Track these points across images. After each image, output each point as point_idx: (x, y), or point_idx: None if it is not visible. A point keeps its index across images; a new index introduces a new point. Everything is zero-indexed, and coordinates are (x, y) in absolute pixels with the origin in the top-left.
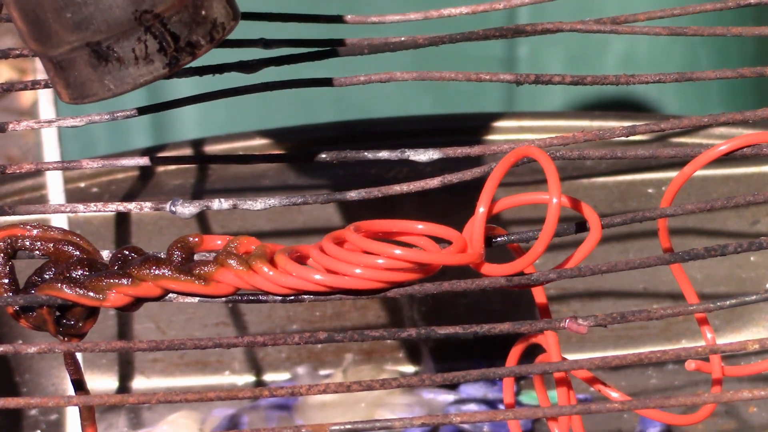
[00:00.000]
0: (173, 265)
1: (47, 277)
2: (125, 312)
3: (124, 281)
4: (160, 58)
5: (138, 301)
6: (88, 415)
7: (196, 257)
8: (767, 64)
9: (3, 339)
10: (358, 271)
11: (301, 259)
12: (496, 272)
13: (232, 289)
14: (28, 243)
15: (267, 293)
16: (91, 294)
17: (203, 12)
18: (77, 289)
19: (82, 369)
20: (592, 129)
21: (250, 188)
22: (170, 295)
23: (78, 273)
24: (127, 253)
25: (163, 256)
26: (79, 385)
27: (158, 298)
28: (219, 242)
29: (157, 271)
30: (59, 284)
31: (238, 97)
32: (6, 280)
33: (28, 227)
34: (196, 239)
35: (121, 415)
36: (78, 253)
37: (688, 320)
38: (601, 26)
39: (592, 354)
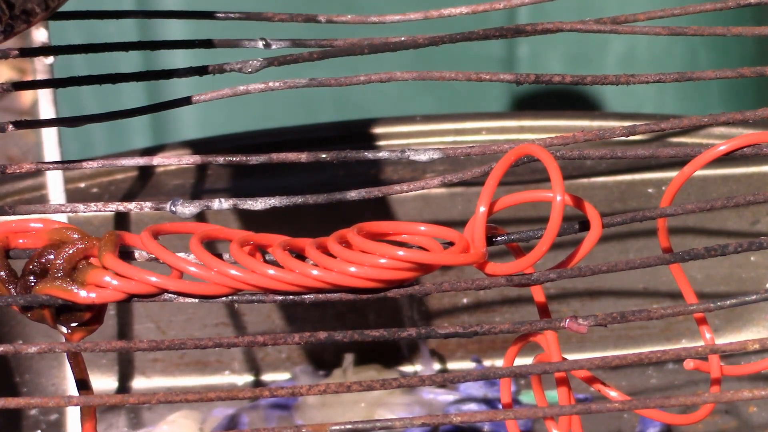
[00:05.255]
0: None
1: (44, 260)
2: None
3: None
4: None
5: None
6: (88, 410)
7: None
8: (767, 64)
9: (3, 339)
10: (353, 269)
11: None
12: (499, 271)
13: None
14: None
15: (267, 291)
16: (82, 293)
17: None
18: (73, 286)
19: None
20: (592, 129)
21: (250, 188)
22: (169, 295)
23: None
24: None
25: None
26: (83, 384)
27: (153, 296)
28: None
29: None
30: (58, 282)
31: (238, 97)
32: (2, 273)
33: (18, 224)
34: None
35: (121, 415)
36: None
37: (688, 320)
38: (601, 26)
39: (592, 354)
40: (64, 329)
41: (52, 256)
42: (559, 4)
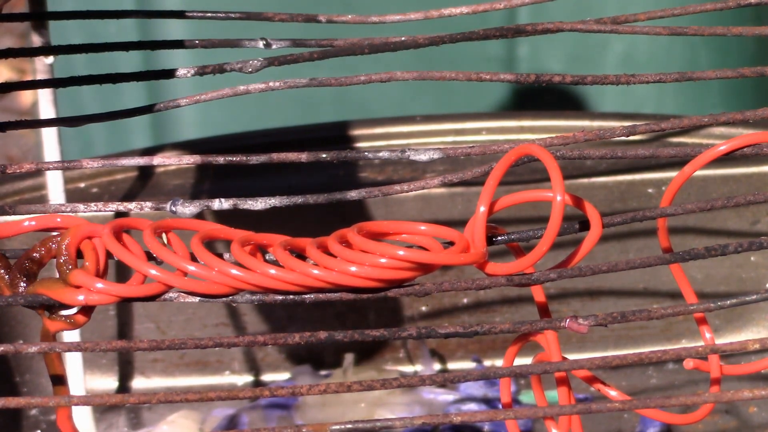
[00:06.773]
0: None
1: (50, 244)
2: None
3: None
4: None
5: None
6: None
7: None
8: (767, 64)
9: (3, 339)
10: (353, 269)
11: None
12: (500, 271)
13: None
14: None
15: (269, 291)
16: (74, 297)
17: None
18: (65, 290)
19: (82, 368)
20: (592, 129)
21: (250, 188)
22: (170, 295)
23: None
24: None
25: None
26: (58, 379)
27: (153, 298)
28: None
29: None
30: (53, 284)
31: (238, 97)
32: None
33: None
34: None
35: (121, 415)
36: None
37: (689, 320)
38: (601, 26)
39: (592, 354)
40: (46, 314)
41: (54, 245)
42: (559, 4)
